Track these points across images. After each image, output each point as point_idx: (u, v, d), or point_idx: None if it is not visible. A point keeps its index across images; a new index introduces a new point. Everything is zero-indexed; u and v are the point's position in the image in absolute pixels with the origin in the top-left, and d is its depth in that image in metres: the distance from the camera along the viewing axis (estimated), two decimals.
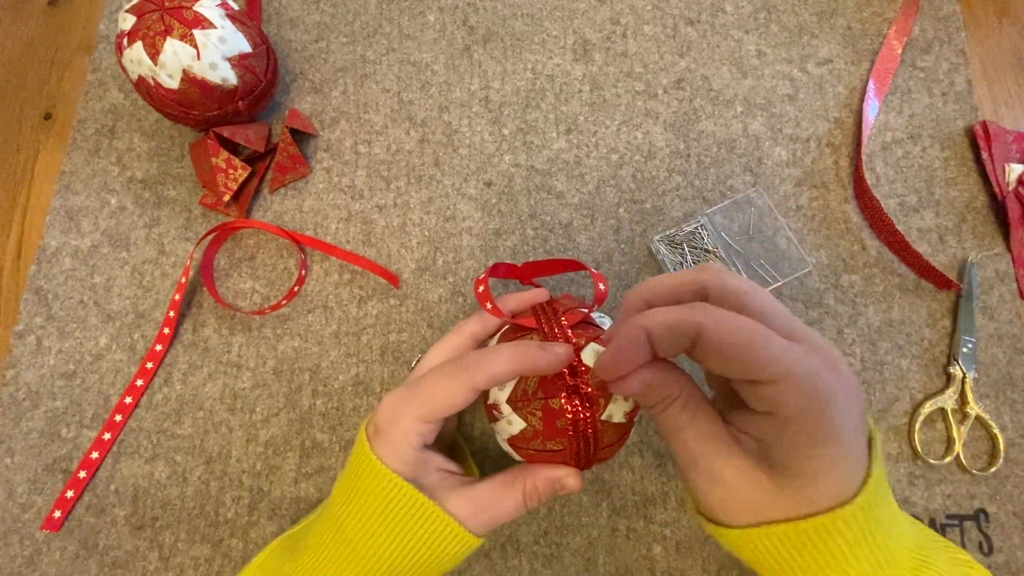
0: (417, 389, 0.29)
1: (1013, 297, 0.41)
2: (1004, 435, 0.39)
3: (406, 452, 0.28)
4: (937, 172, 0.45)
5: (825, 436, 0.22)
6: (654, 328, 0.24)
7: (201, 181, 0.44)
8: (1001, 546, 0.37)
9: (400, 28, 0.49)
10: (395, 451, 0.28)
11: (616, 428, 0.29)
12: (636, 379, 0.25)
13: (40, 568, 0.38)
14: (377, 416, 0.29)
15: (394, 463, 0.28)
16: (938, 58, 0.47)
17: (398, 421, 0.28)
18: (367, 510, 0.28)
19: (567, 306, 0.33)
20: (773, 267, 0.41)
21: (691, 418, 0.25)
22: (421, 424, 0.28)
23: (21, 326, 0.42)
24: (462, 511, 0.29)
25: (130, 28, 0.39)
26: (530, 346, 0.28)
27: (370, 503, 0.28)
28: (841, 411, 0.22)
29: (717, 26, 0.49)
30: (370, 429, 0.30)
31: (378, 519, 0.28)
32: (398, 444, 0.28)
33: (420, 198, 0.45)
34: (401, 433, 0.28)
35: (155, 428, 0.40)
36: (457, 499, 0.29)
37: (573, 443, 0.29)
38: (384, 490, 0.28)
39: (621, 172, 0.45)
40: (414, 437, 0.28)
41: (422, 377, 0.29)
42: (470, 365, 0.28)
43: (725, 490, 0.25)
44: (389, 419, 0.29)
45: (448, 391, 0.28)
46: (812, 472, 0.23)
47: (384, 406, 0.29)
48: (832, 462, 0.23)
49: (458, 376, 0.28)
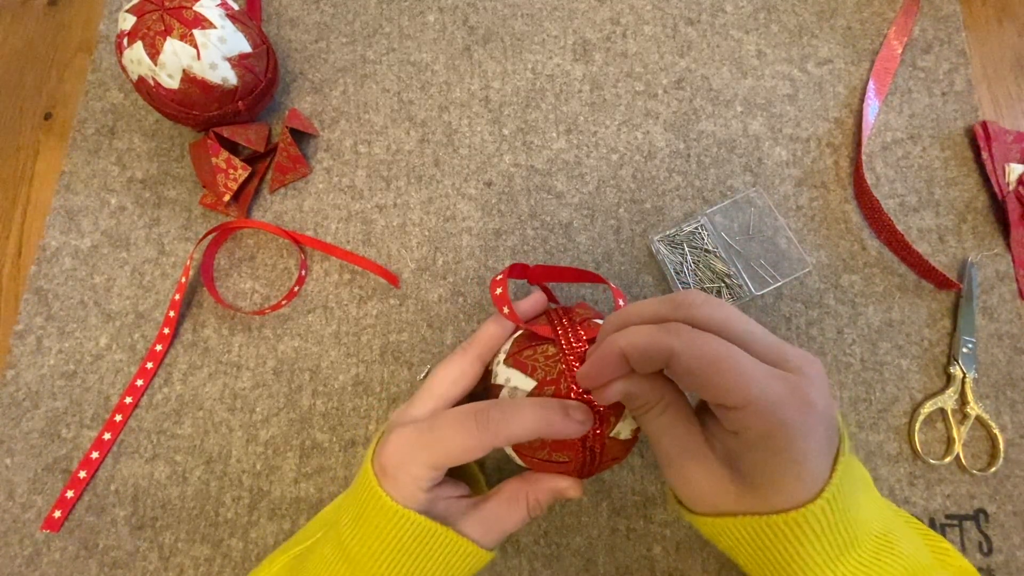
0: (430, 436, 0.29)
1: (1013, 297, 0.41)
2: (1004, 435, 0.39)
3: (416, 495, 0.28)
4: (937, 172, 0.45)
5: (786, 460, 0.24)
6: (628, 349, 0.25)
7: (201, 181, 0.44)
8: (1001, 546, 0.37)
9: (400, 28, 0.49)
10: (404, 492, 0.28)
11: (622, 444, 0.30)
12: (613, 389, 0.26)
13: (40, 568, 0.38)
14: (385, 456, 0.29)
15: (404, 501, 0.28)
16: (938, 58, 0.47)
17: (407, 467, 0.28)
18: (379, 543, 0.28)
19: (583, 315, 0.32)
20: (773, 267, 0.41)
21: (669, 423, 0.27)
22: (432, 471, 0.28)
23: (21, 326, 0.42)
24: (474, 532, 0.29)
25: (130, 28, 0.39)
26: (553, 410, 0.27)
27: (382, 536, 0.28)
28: (806, 437, 0.24)
29: (717, 26, 0.49)
30: (376, 466, 0.29)
31: (392, 551, 0.28)
32: (407, 488, 0.28)
33: (420, 198, 0.45)
34: (410, 477, 0.28)
35: (155, 428, 0.40)
36: (468, 521, 0.30)
37: (579, 456, 0.29)
38: (397, 525, 0.28)
39: (621, 172, 0.45)
40: (424, 482, 0.28)
41: (436, 422, 0.29)
42: (490, 424, 0.27)
43: (692, 489, 0.27)
44: (398, 463, 0.28)
45: (463, 445, 0.28)
46: (773, 485, 0.25)
47: (393, 447, 0.29)
48: (793, 479, 0.24)
49: (476, 435, 0.28)
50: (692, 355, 0.24)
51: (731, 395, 0.23)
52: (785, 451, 0.24)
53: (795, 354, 0.25)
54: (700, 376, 0.24)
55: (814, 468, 0.24)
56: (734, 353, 0.24)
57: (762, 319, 0.41)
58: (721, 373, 0.23)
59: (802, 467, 0.24)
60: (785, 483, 0.24)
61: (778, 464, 0.24)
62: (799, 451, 0.24)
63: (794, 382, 0.24)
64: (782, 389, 0.23)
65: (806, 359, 0.25)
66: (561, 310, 0.32)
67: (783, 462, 0.24)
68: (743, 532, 0.25)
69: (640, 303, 0.27)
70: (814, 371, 0.25)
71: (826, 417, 0.24)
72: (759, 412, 0.23)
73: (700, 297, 0.26)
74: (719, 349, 0.24)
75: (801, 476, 0.24)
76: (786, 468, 0.24)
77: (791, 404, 0.23)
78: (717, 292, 0.41)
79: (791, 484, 0.24)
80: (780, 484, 0.24)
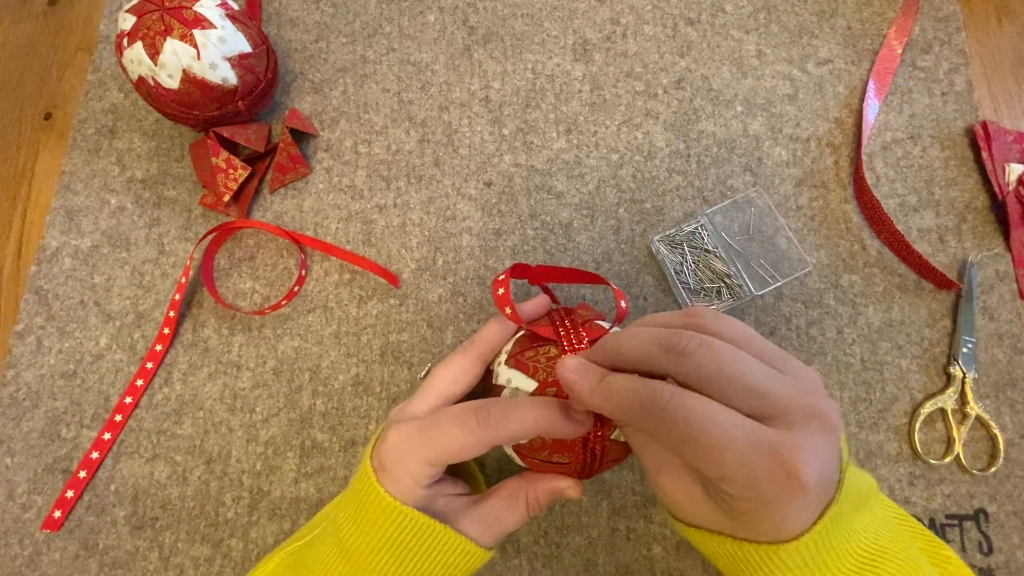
0: (430, 432, 0.28)
1: (1013, 297, 0.41)
2: (1004, 435, 0.39)
3: (415, 491, 0.28)
4: (937, 172, 0.45)
5: (765, 519, 0.23)
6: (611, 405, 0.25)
7: (201, 181, 0.44)
8: (1001, 546, 0.37)
9: (400, 28, 0.49)
10: (403, 488, 0.28)
11: (623, 445, 0.30)
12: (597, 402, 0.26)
13: (40, 568, 0.38)
14: (384, 452, 0.29)
15: (403, 497, 0.28)
16: (938, 58, 0.47)
17: (406, 463, 0.28)
18: (378, 539, 0.28)
19: (585, 317, 0.32)
20: (773, 267, 0.41)
21: (646, 438, 0.27)
22: (431, 467, 0.28)
23: (21, 326, 0.42)
24: (473, 530, 0.29)
25: (130, 28, 0.39)
26: (555, 409, 0.27)
27: (380, 532, 0.28)
28: (789, 505, 0.22)
29: (717, 26, 0.49)
30: (375, 462, 0.29)
31: (390, 547, 0.28)
32: (406, 484, 0.28)
33: (420, 198, 0.45)
34: (409, 473, 0.28)
35: (155, 428, 0.40)
36: (466, 519, 0.29)
37: (579, 458, 0.29)
38: (395, 522, 0.28)
39: (621, 172, 0.45)
40: (423, 479, 0.28)
41: (436, 419, 0.29)
42: (491, 421, 0.27)
43: (669, 501, 0.27)
44: (396, 460, 0.28)
45: (463, 442, 0.28)
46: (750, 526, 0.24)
47: (392, 444, 0.29)
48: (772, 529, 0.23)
49: (477, 432, 0.27)
50: (668, 433, 0.23)
51: (709, 470, 0.22)
52: (764, 514, 0.23)
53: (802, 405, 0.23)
54: (678, 450, 0.23)
55: (795, 522, 0.23)
56: (715, 424, 0.22)
57: (762, 319, 0.41)
58: (697, 450, 0.22)
59: (781, 524, 0.23)
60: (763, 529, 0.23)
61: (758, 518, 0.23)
62: (780, 516, 0.23)
63: (782, 453, 0.21)
64: (765, 463, 0.21)
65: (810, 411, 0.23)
66: (563, 311, 0.32)
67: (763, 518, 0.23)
68: (719, 548, 0.25)
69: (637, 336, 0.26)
70: (817, 426, 0.22)
71: (818, 483, 0.22)
72: (739, 485, 0.22)
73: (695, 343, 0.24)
74: (696, 416, 0.22)
75: (780, 529, 0.23)
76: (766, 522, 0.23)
77: (774, 479, 0.22)
78: (717, 292, 0.41)
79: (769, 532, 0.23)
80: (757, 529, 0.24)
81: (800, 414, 0.22)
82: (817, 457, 0.22)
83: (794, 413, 0.22)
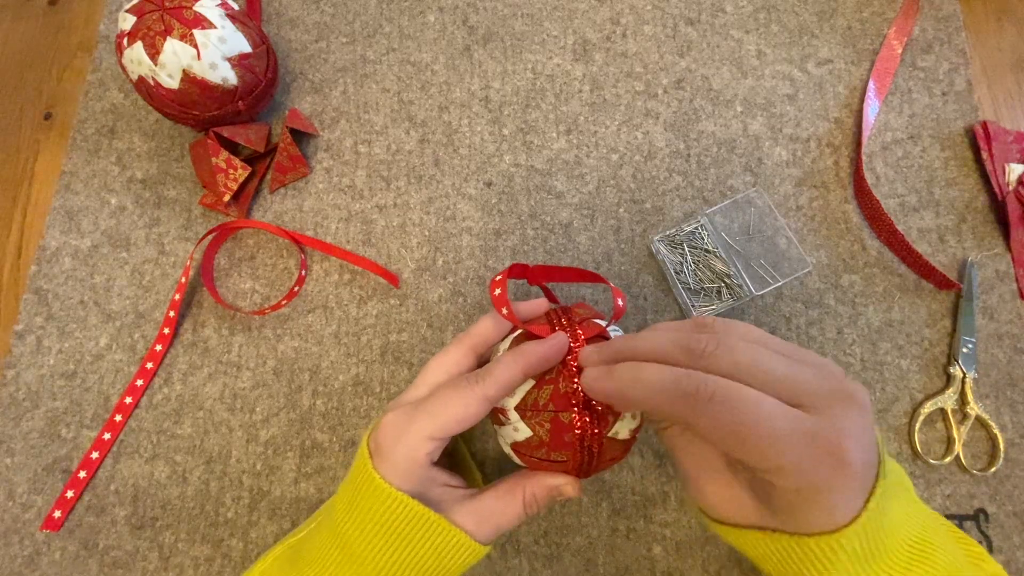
0: (427, 406, 0.29)
1: (1013, 297, 0.41)
2: (1004, 435, 0.39)
3: (411, 471, 0.28)
4: (937, 172, 0.45)
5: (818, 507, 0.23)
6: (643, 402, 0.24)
7: (201, 181, 0.44)
8: (1001, 546, 0.37)
9: (400, 28, 0.49)
10: (399, 471, 0.28)
11: (620, 444, 0.29)
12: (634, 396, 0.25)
13: (40, 568, 0.38)
14: (379, 434, 0.29)
15: (398, 481, 0.28)
16: (938, 58, 0.47)
17: (403, 440, 0.28)
18: (372, 526, 0.28)
19: (582, 315, 0.32)
20: (773, 267, 0.41)
21: (688, 440, 0.27)
22: (429, 442, 0.28)
23: (21, 326, 0.42)
24: (468, 523, 0.29)
25: (130, 28, 0.39)
26: (528, 344, 0.28)
27: (375, 519, 0.28)
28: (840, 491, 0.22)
29: (717, 26, 0.49)
30: (372, 445, 0.29)
31: (384, 535, 0.28)
32: (402, 464, 0.28)
33: (420, 198, 0.45)
34: (405, 452, 0.28)
35: (155, 428, 0.40)
36: (461, 511, 0.29)
37: (576, 456, 0.29)
38: (389, 508, 0.28)
39: (621, 172, 0.45)
40: (421, 456, 0.28)
41: (431, 396, 0.29)
42: (479, 377, 0.28)
43: (711, 504, 0.27)
44: (393, 438, 0.28)
45: (460, 404, 0.28)
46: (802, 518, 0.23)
47: (386, 425, 0.29)
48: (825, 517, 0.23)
49: (469, 389, 0.28)
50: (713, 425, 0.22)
51: (759, 462, 0.22)
52: (816, 502, 0.23)
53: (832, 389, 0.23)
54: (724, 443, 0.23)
55: (847, 508, 0.23)
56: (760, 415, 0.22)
57: (762, 319, 0.41)
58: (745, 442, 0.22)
59: (834, 511, 0.23)
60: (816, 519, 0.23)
61: (809, 508, 0.23)
62: (832, 502, 0.23)
63: (828, 437, 0.22)
64: (815, 451, 0.22)
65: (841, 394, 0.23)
66: (560, 310, 0.32)
67: (814, 507, 0.23)
68: (770, 546, 0.25)
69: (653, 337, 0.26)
70: (854, 409, 0.23)
71: (863, 464, 0.23)
72: (789, 475, 0.22)
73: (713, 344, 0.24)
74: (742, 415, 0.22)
75: (833, 515, 0.23)
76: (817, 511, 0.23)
77: (825, 465, 0.22)
78: (717, 292, 0.41)
79: (822, 520, 0.23)
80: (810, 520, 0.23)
81: (831, 398, 0.23)
82: (858, 438, 0.22)
83: (825, 397, 0.23)
